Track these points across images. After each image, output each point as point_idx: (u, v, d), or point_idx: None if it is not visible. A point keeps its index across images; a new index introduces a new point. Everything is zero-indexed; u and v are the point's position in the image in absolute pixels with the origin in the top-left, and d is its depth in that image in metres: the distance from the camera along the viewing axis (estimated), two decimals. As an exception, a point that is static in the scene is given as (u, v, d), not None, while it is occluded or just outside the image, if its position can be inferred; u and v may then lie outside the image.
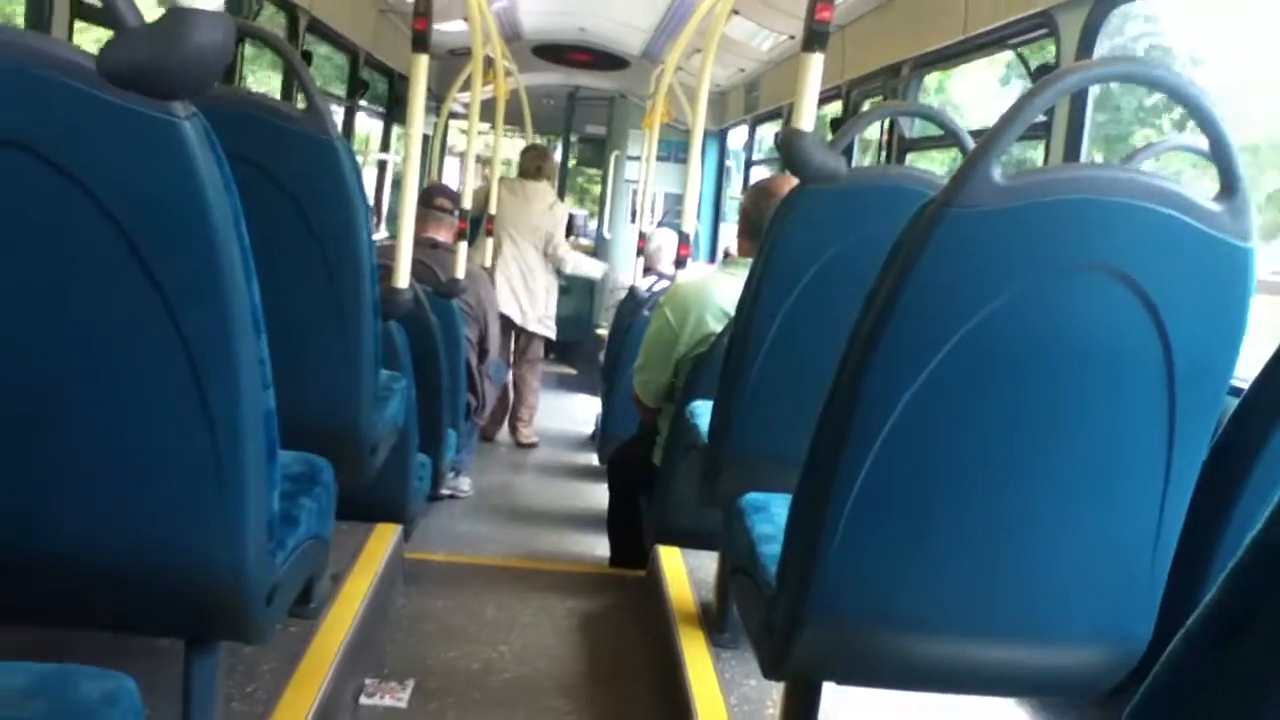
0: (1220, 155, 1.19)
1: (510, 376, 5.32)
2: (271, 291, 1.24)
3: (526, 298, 5.19)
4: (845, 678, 1.48)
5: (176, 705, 1.46)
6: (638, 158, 7.75)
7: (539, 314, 5.24)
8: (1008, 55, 3.26)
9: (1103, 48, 2.51)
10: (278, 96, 4.14)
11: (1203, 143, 1.23)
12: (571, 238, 6.71)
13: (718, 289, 2.70)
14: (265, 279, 1.21)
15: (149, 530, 1.25)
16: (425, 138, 5.88)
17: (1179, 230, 1.16)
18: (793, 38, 4.95)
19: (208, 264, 1.12)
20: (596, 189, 9.24)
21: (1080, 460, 1.26)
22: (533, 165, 5.50)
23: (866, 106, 4.30)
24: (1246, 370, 1.32)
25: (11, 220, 1.10)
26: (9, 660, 0.97)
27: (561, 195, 7.07)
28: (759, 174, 6.27)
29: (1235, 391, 1.29)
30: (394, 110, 5.97)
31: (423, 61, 2.64)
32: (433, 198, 4.19)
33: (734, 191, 7.34)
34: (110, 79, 1.03)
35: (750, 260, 2.10)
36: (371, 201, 5.17)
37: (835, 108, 4.51)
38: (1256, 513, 1.23)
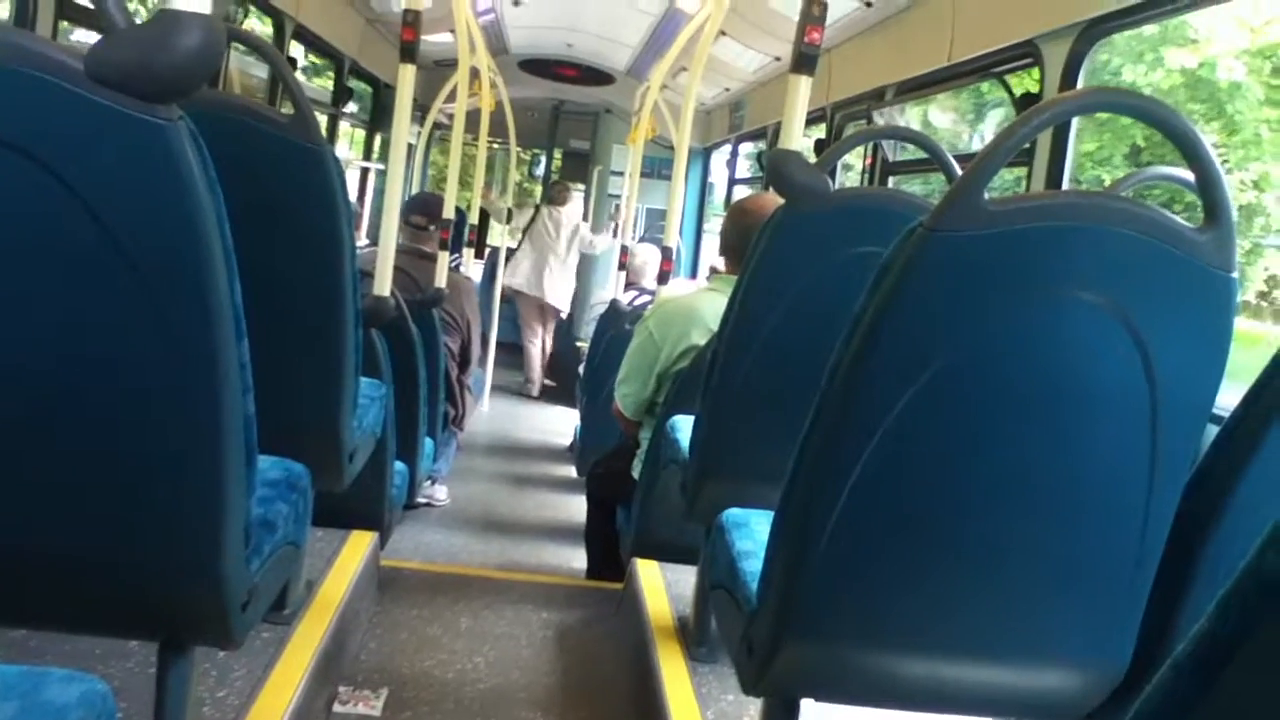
0: (1206, 186, 1.21)
1: (537, 343, 7.62)
2: (254, 296, 1.23)
3: (549, 282, 7.34)
4: (824, 695, 1.47)
5: (147, 708, 1.45)
6: (621, 173, 7.79)
7: (558, 293, 7.44)
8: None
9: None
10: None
11: (1186, 173, 1.25)
12: None
13: (705, 305, 2.71)
14: (248, 283, 1.20)
15: (125, 531, 1.23)
16: (409, 147, 5.91)
17: (1164, 258, 1.18)
18: (778, 59, 4.98)
19: (192, 267, 1.11)
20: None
21: (1063, 484, 1.27)
22: (560, 195, 7.56)
23: (850, 130, 4.33)
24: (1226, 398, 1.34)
25: None
26: None
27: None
28: (742, 193, 6.31)
29: (1216, 419, 1.31)
30: (378, 119, 5.97)
31: (409, 72, 2.64)
32: (424, 208, 4.17)
33: (716, 208, 7.40)
34: (98, 80, 1.01)
35: (735, 277, 2.11)
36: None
37: (819, 130, 4.54)
38: (1237, 539, 1.26)
